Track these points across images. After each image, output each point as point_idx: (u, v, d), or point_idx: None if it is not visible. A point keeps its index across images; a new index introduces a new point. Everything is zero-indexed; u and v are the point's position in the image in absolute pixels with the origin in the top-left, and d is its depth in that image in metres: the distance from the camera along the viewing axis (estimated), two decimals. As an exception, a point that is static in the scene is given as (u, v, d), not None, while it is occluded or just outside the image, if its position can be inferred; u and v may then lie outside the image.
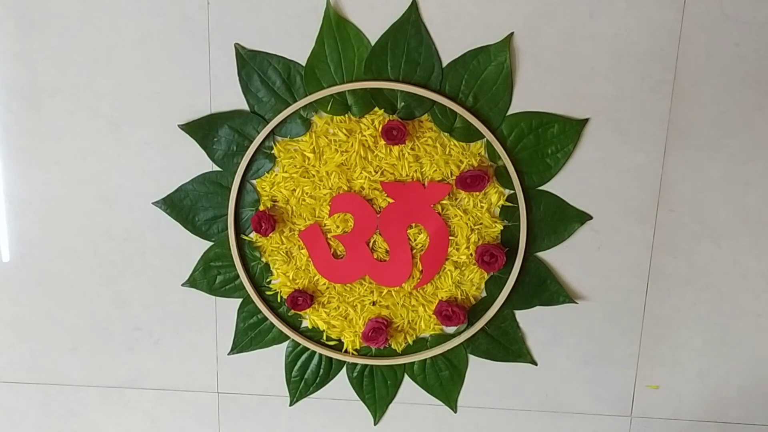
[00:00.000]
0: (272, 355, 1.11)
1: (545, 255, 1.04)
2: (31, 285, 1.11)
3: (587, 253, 1.04)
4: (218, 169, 1.04)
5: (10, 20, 1.00)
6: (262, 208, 1.04)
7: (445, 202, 1.02)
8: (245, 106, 1.01)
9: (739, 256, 1.03)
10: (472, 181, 0.99)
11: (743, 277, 1.04)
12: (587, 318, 1.07)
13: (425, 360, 1.09)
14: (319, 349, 1.09)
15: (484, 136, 0.99)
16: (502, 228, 1.03)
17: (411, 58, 0.98)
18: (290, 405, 1.13)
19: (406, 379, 1.11)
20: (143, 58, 1.01)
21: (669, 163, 1.00)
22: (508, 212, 1.02)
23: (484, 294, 1.06)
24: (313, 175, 1.02)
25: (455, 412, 1.12)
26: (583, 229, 1.03)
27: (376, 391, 1.11)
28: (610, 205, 1.02)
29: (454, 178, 1.00)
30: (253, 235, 1.05)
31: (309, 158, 1.02)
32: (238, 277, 1.07)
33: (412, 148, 1.00)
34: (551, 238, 1.03)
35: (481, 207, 1.02)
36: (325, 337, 1.09)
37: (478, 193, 1.01)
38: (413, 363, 1.10)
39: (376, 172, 1.01)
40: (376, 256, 1.05)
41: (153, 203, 1.06)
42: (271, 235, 1.03)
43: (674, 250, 1.04)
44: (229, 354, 1.11)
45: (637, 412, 1.11)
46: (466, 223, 1.02)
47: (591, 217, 1.03)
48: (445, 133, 1.00)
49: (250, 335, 1.10)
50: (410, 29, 0.97)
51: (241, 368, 1.12)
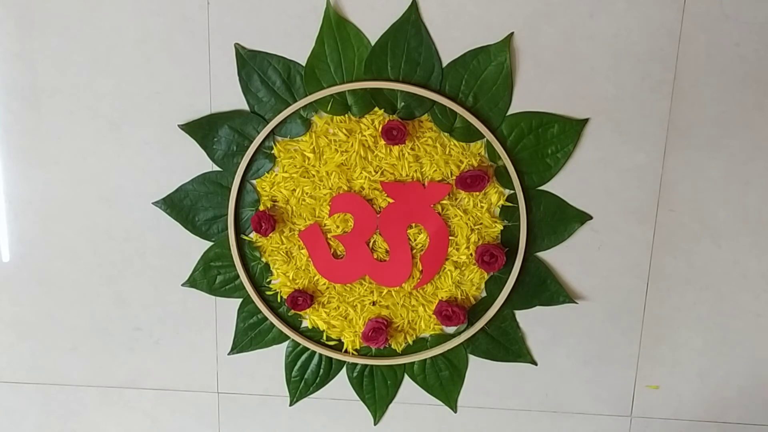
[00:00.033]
0: (272, 355, 1.11)
1: (545, 255, 1.04)
2: (31, 285, 1.11)
3: (587, 253, 1.04)
4: (218, 169, 1.04)
5: (10, 20, 1.00)
6: (262, 208, 1.04)
7: (445, 202, 1.02)
8: (245, 106, 1.01)
9: (739, 256, 1.03)
10: (472, 181, 0.99)
11: (743, 277, 1.04)
12: (587, 318, 1.07)
13: (425, 360, 1.09)
14: (319, 349, 1.09)
15: (484, 136, 0.99)
16: (502, 228, 1.03)
17: (411, 58, 0.98)
18: (290, 405, 1.13)
19: (406, 379, 1.11)
20: (143, 58, 1.01)
21: (669, 163, 1.00)
22: (508, 212, 1.02)
23: (484, 294, 1.06)
24: (313, 175, 1.02)
25: (455, 412, 1.12)
26: (583, 229, 1.03)
27: (376, 391, 1.11)
28: (610, 205, 1.02)
29: (454, 178, 1.00)
30: (253, 235, 1.05)
31: (309, 158, 1.02)
32: (238, 277, 1.07)
33: (412, 148, 1.00)
34: (551, 238, 1.03)
35: (481, 207, 1.02)
36: (325, 337, 1.09)
37: (478, 193, 1.01)
38: (413, 363, 1.10)
39: (376, 172, 1.01)
40: (376, 256, 1.05)
41: (153, 203, 1.06)
42: (271, 235, 1.03)
43: (674, 250, 1.04)
44: (229, 354, 1.11)
45: (637, 412, 1.11)
46: (466, 223, 1.02)
47: (591, 217, 1.03)
48: (445, 133, 1.00)
49: (250, 335, 1.10)
50: (410, 29, 0.97)
51: (241, 368, 1.12)
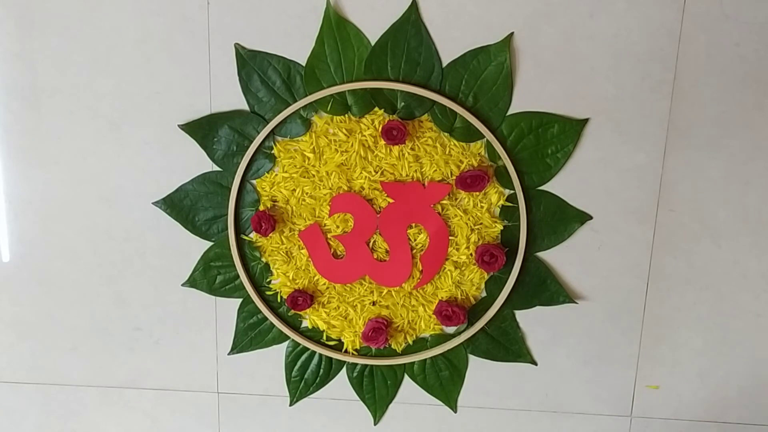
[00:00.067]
0: (272, 355, 1.11)
1: (545, 255, 1.04)
2: (31, 285, 1.11)
3: (587, 253, 1.04)
4: (218, 169, 1.04)
5: (10, 20, 1.00)
6: (262, 208, 1.04)
7: (445, 202, 1.02)
8: (245, 106, 1.01)
9: (739, 256, 1.03)
10: (472, 181, 0.99)
11: (743, 277, 1.04)
12: (587, 318, 1.07)
13: (425, 360, 1.09)
14: (319, 349, 1.09)
15: (484, 136, 0.99)
16: (502, 228, 1.03)
17: (411, 58, 0.98)
18: (290, 405, 1.13)
19: (406, 379, 1.11)
20: (143, 58, 1.01)
21: (669, 163, 1.00)
22: (508, 212, 1.02)
23: (484, 294, 1.06)
24: (313, 175, 1.02)
25: (455, 412, 1.12)
26: (583, 229, 1.03)
27: (376, 391, 1.11)
28: (610, 205, 1.02)
29: (454, 178, 1.00)
30: (253, 235, 1.05)
31: (309, 158, 1.02)
32: (238, 277, 1.07)
33: (412, 148, 1.00)
34: (551, 238, 1.03)
35: (481, 207, 1.02)
36: (325, 337, 1.09)
37: (478, 193, 1.01)
38: (413, 363, 1.10)
39: (376, 172, 1.01)
40: (376, 256, 1.05)
41: (153, 203, 1.06)
42: (271, 235, 1.03)
43: (674, 250, 1.04)
44: (229, 354, 1.11)
45: (637, 412, 1.11)
46: (466, 223, 1.02)
47: (591, 217, 1.03)
48: (445, 133, 1.00)
49: (250, 335, 1.10)
50: (410, 29, 0.97)
51: (241, 368, 1.12)
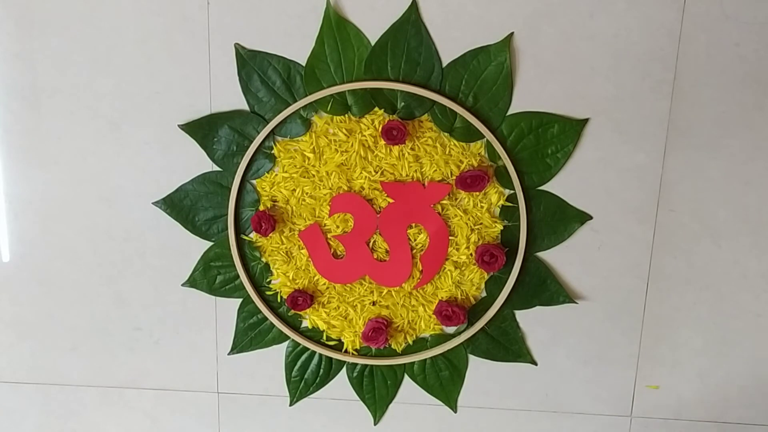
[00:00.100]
0: (272, 355, 1.11)
1: (545, 255, 1.04)
2: (31, 285, 1.11)
3: (587, 253, 1.04)
4: (218, 169, 1.04)
5: (10, 20, 1.00)
6: (262, 208, 1.04)
7: (445, 202, 1.02)
8: (245, 106, 1.01)
9: (739, 256, 1.03)
10: (472, 181, 0.99)
11: (743, 277, 1.04)
12: (587, 318, 1.07)
13: (425, 360, 1.09)
14: (319, 349, 1.09)
15: (484, 136, 0.99)
16: (502, 228, 1.03)
17: (411, 58, 0.98)
18: (290, 405, 1.13)
19: (406, 379, 1.11)
20: (143, 58, 1.01)
21: (669, 163, 1.00)
22: (508, 212, 1.02)
23: (484, 294, 1.06)
24: (313, 175, 1.02)
25: (455, 412, 1.12)
26: (583, 229, 1.03)
27: (376, 391, 1.11)
28: (610, 205, 1.02)
29: (454, 178, 1.00)
30: (253, 235, 1.05)
31: (309, 158, 1.02)
32: (238, 277, 1.07)
33: (412, 148, 1.00)
34: (551, 238, 1.03)
35: (481, 207, 1.02)
36: (325, 337, 1.09)
37: (478, 193, 1.01)
38: (413, 363, 1.10)
39: (376, 172, 1.01)
40: (376, 256, 1.05)
41: (153, 203, 1.06)
42: (271, 235, 1.03)
43: (674, 250, 1.04)
44: (229, 354, 1.11)
45: (637, 412, 1.11)
46: (466, 223, 1.02)
47: (591, 217, 1.03)
48: (445, 133, 1.00)
49: (250, 335, 1.10)
50: (410, 29, 0.97)
51: (241, 368, 1.12)
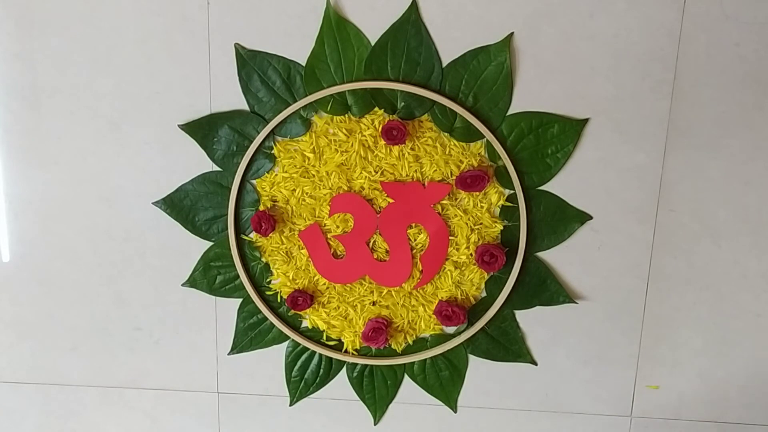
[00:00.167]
0: (272, 355, 1.11)
1: (545, 255, 1.04)
2: (31, 285, 1.11)
3: (587, 253, 1.04)
4: (218, 169, 1.04)
5: (10, 20, 1.00)
6: (262, 208, 1.04)
7: (445, 202, 1.02)
8: (245, 106, 1.01)
9: (739, 256, 1.03)
10: (472, 181, 0.99)
11: (743, 277, 1.04)
12: (587, 318, 1.07)
13: (425, 360, 1.09)
14: (319, 349, 1.09)
15: (484, 136, 0.99)
16: (502, 228, 1.03)
17: (411, 58, 0.98)
18: (290, 405, 1.13)
19: (406, 379, 1.11)
20: (143, 58, 1.01)
21: (669, 163, 1.00)
22: (508, 212, 1.02)
23: (484, 294, 1.06)
24: (313, 175, 1.02)
25: (455, 412, 1.12)
26: (583, 229, 1.03)
27: (376, 391, 1.11)
28: (610, 205, 1.02)
29: (454, 178, 1.00)
30: (253, 235, 1.05)
31: (309, 158, 1.02)
32: (238, 277, 1.07)
33: (412, 148, 1.00)
34: (551, 238, 1.03)
35: (481, 207, 1.02)
36: (325, 337, 1.09)
37: (478, 193, 1.01)
38: (413, 363, 1.10)
39: (376, 172, 1.01)
40: (376, 256, 1.05)
41: (153, 203, 1.06)
42: (271, 235, 1.03)
43: (674, 250, 1.04)
44: (229, 354, 1.11)
45: (637, 412, 1.11)
46: (466, 223, 1.02)
47: (591, 217, 1.03)
48: (445, 133, 1.00)
49: (250, 335, 1.10)
50: (410, 29, 0.97)
51: (241, 368, 1.12)
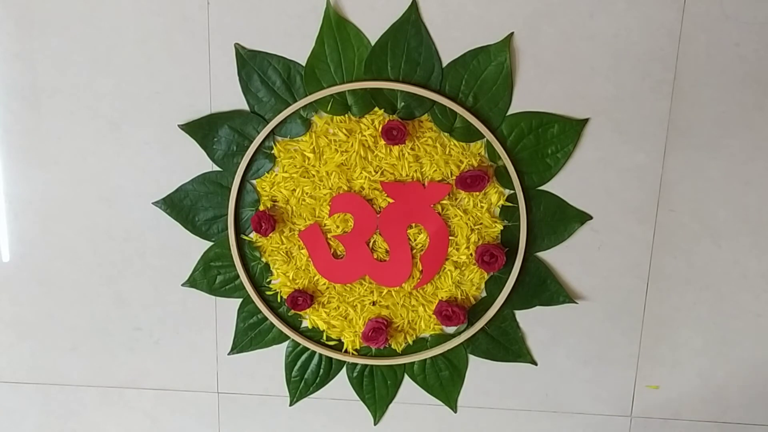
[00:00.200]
0: (272, 355, 1.11)
1: (545, 255, 1.04)
2: (31, 285, 1.11)
3: (587, 253, 1.04)
4: (218, 169, 1.04)
5: (10, 20, 1.00)
6: (262, 208, 1.04)
7: (445, 202, 1.02)
8: (245, 106, 1.01)
9: (739, 256, 1.03)
10: (472, 181, 0.99)
11: (743, 277, 1.04)
12: (587, 318, 1.07)
13: (425, 360, 1.09)
14: (319, 349, 1.09)
15: (484, 136, 0.99)
16: (502, 228, 1.03)
17: (411, 58, 0.98)
18: (290, 405, 1.13)
19: (406, 379, 1.11)
20: (143, 58, 1.01)
21: (669, 163, 1.00)
22: (508, 212, 1.02)
23: (484, 294, 1.06)
24: (313, 175, 1.02)
25: (455, 412, 1.12)
26: (583, 229, 1.03)
27: (376, 391, 1.11)
28: (610, 205, 1.02)
29: (454, 178, 1.00)
30: (253, 235, 1.05)
31: (309, 158, 1.02)
32: (238, 277, 1.07)
33: (412, 148, 1.00)
34: (551, 238, 1.03)
35: (481, 207, 1.02)
36: (325, 337, 1.09)
37: (478, 193, 1.01)
38: (413, 363, 1.10)
39: (376, 172, 1.01)
40: (376, 256, 1.05)
41: (153, 203, 1.06)
42: (271, 235, 1.03)
43: (674, 250, 1.04)
44: (229, 354, 1.11)
45: (637, 412, 1.11)
46: (466, 223, 1.02)
47: (591, 217, 1.03)
48: (445, 133, 1.00)
49: (250, 335, 1.10)
50: (410, 29, 0.97)
51: (241, 368, 1.12)
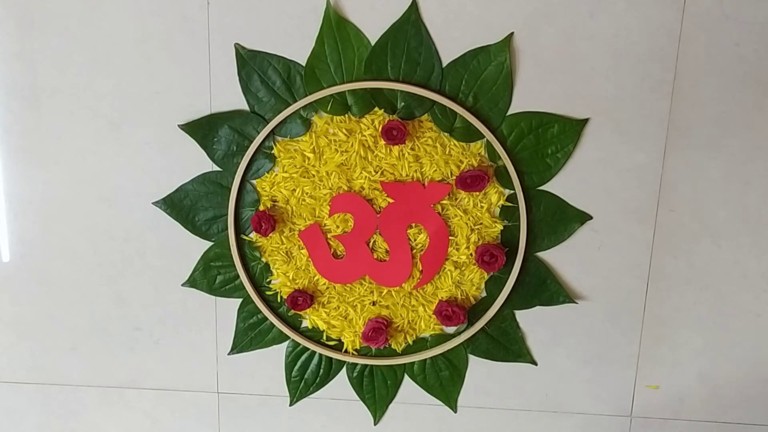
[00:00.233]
0: (272, 355, 1.11)
1: (545, 255, 1.04)
2: (31, 285, 1.11)
3: (587, 253, 1.04)
4: (218, 169, 1.04)
5: (10, 20, 1.00)
6: (262, 208, 1.04)
7: (445, 202, 1.02)
8: (245, 106, 1.01)
9: (739, 256, 1.03)
10: (472, 181, 0.99)
11: (743, 277, 1.04)
12: (587, 318, 1.07)
13: (425, 360, 1.09)
14: (319, 349, 1.09)
15: (484, 136, 0.99)
16: (502, 228, 1.03)
17: (411, 58, 0.98)
18: (290, 405, 1.13)
19: (406, 379, 1.11)
20: (143, 58, 1.01)
21: (669, 163, 1.00)
22: (508, 212, 1.02)
23: (484, 294, 1.06)
24: (313, 175, 1.02)
25: (455, 412, 1.12)
26: (583, 229, 1.03)
27: (376, 391, 1.11)
28: (610, 205, 1.02)
29: (454, 178, 1.00)
30: (253, 235, 1.05)
31: (309, 158, 1.02)
32: (238, 277, 1.07)
33: (412, 148, 1.00)
34: (551, 238, 1.03)
35: (481, 207, 1.02)
36: (325, 337, 1.09)
37: (478, 193, 1.01)
38: (413, 363, 1.10)
39: (376, 172, 1.01)
40: (376, 256, 1.05)
41: (153, 203, 1.06)
42: (271, 235, 1.03)
43: (674, 250, 1.04)
44: (229, 354, 1.11)
45: (637, 412, 1.11)
46: (466, 223, 1.02)
47: (591, 217, 1.03)
48: (445, 133, 1.00)
49: (250, 335, 1.10)
50: (410, 29, 0.97)
51: (241, 368, 1.12)
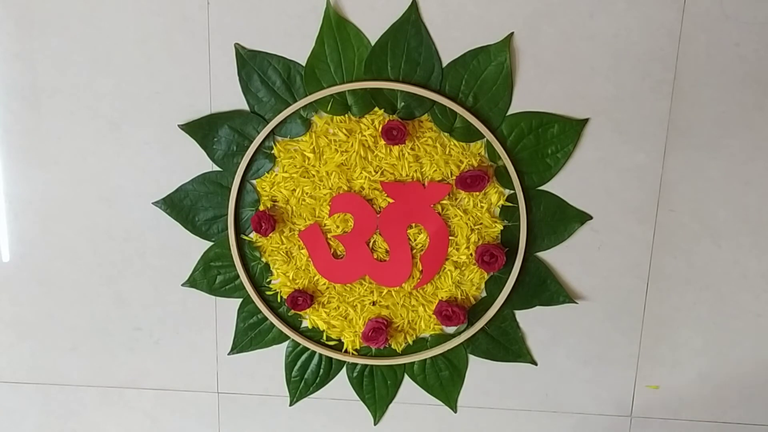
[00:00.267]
0: (272, 355, 1.11)
1: (545, 255, 1.04)
2: (31, 285, 1.11)
3: (587, 253, 1.04)
4: (218, 169, 1.04)
5: (10, 20, 1.00)
6: (262, 208, 1.04)
7: (445, 202, 1.02)
8: (245, 106, 1.01)
9: (739, 256, 1.03)
10: (472, 181, 0.99)
11: (743, 277, 1.04)
12: (587, 318, 1.07)
13: (425, 360, 1.09)
14: (319, 349, 1.09)
15: (484, 136, 0.99)
16: (502, 228, 1.03)
17: (411, 58, 0.98)
18: (290, 405, 1.13)
19: (406, 379, 1.11)
20: (143, 58, 1.01)
21: (669, 163, 1.00)
22: (508, 212, 1.02)
23: (484, 294, 1.06)
24: (313, 175, 1.02)
25: (455, 412, 1.12)
26: (583, 229, 1.03)
27: (376, 391, 1.11)
28: (610, 205, 1.02)
29: (454, 178, 1.00)
30: (253, 235, 1.05)
31: (309, 158, 1.02)
32: (238, 277, 1.07)
33: (412, 148, 1.00)
34: (551, 238, 1.03)
35: (481, 207, 1.02)
36: (325, 337, 1.09)
37: (478, 193, 1.01)
38: (413, 363, 1.10)
39: (376, 172, 1.01)
40: (376, 256, 1.05)
41: (153, 203, 1.06)
42: (271, 235, 1.03)
43: (674, 250, 1.04)
44: (229, 354, 1.11)
45: (637, 412, 1.11)
46: (466, 223, 1.02)
47: (591, 217, 1.03)
48: (445, 133, 1.00)
49: (250, 335, 1.10)
50: (410, 29, 0.97)
51: (241, 368, 1.12)
